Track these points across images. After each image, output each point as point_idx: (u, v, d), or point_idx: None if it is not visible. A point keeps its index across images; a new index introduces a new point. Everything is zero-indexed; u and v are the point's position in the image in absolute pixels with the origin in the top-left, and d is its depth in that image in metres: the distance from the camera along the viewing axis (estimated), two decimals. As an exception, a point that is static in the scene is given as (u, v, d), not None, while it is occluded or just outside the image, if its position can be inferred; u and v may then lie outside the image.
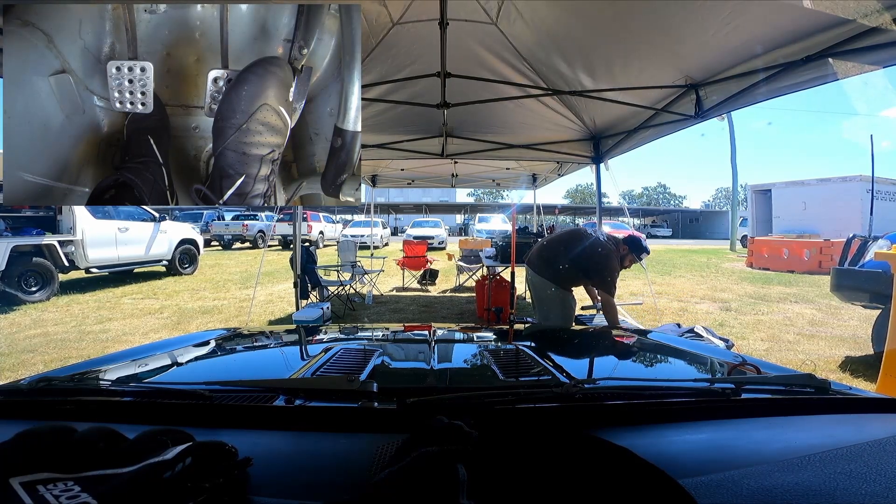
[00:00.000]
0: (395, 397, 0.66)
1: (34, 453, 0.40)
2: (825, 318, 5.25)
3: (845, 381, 2.48)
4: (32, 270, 6.11)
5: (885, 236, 3.72)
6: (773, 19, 1.96)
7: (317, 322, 4.33)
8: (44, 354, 3.78)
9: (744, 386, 0.75)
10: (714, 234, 31.74)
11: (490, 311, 4.41)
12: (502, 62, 2.98)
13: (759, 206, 15.55)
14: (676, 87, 2.86)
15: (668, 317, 5.22)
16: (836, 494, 0.44)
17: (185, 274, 8.92)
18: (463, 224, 30.60)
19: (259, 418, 0.64)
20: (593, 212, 7.14)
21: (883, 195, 12.20)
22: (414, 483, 0.38)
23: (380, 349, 1.10)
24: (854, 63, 1.89)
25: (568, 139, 4.41)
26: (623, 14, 2.23)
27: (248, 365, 1.14)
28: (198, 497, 0.40)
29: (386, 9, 2.43)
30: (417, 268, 7.80)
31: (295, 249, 5.03)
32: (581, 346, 1.38)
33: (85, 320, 5.07)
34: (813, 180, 14.12)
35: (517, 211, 6.05)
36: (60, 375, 0.84)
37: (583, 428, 0.61)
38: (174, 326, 4.85)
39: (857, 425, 0.66)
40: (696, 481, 0.46)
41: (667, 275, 9.38)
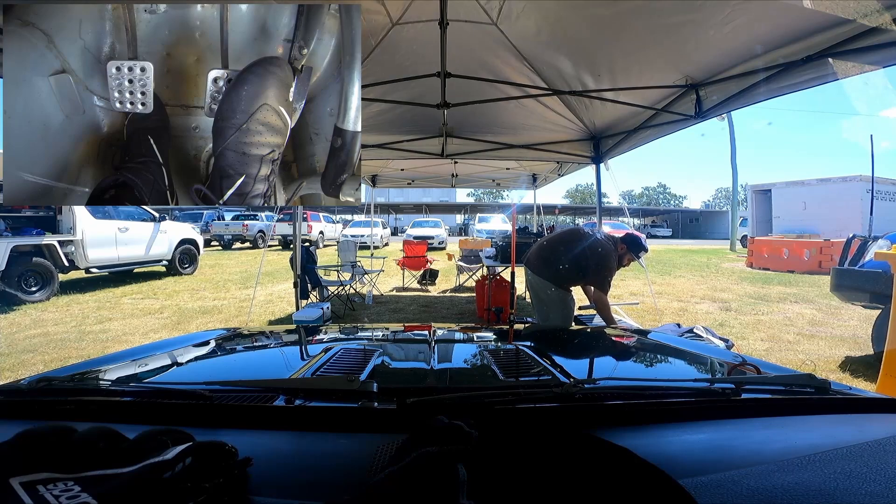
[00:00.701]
0: (395, 397, 0.66)
1: (34, 453, 0.40)
2: (825, 318, 5.25)
3: (845, 381, 2.48)
4: (32, 270, 6.11)
5: (885, 236, 3.72)
6: (773, 19, 1.96)
7: (317, 322, 4.33)
8: (44, 354, 3.78)
9: (744, 386, 0.75)
10: (714, 234, 31.74)
11: (490, 311, 4.41)
12: (502, 62, 2.98)
13: (759, 206, 15.55)
14: (676, 87, 2.87)
15: (668, 317, 5.22)
16: (836, 494, 0.44)
17: (185, 274, 8.92)
18: (463, 224, 30.60)
19: (259, 418, 0.64)
20: (593, 212, 7.15)
21: (883, 195, 12.20)
22: (414, 483, 0.38)
23: (380, 349, 1.10)
24: (854, 63, 1.89)
25: (568, 139, 4.41)
26: (623, 14, 2.23)
27: (248, 365, 1.14)
28: (198, 497, 0.40)
29: (386, 9, 2.43)
30: (417, 268, 7.80)
31: (295, 249, 5.03)
32: (581, 346, 1.38)
33: (85, 320, 5.07)
34: (813, 180, 14.13)
35: (517, 211, 6.05)
36: (60, 375, 0.84)
37: (583, 428, 0.61)
38: (174, 326, 4.85)
39: (857, 425, 0.66)
40: (696, 481, 0.46)
41: (667, 275, 9.38)
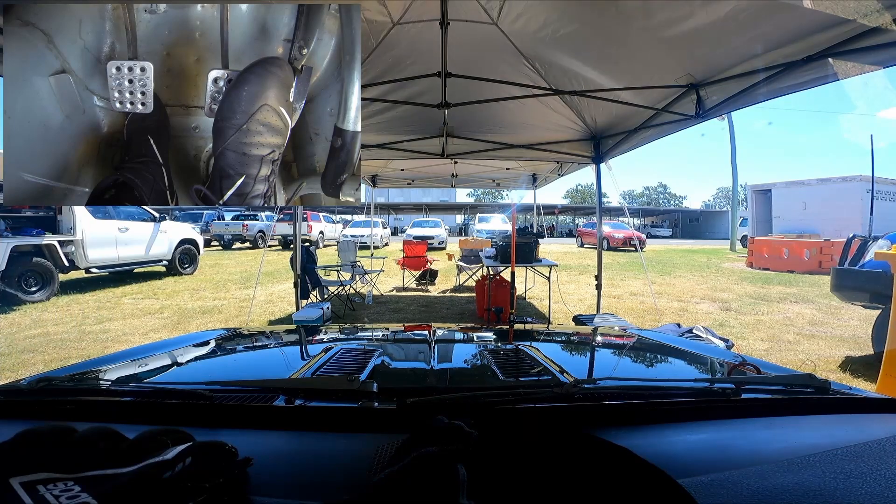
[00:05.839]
0: (395, 397, 0.66)
1: (34, 453, 0.40)
2: (825, 318, 5.25)
3: (845, 382, 2.48)
4: (32, 270, 6.11)
5: (885, 236, 3.72)
6: (774, 19, 1.96)
7: (317, 322, 4.33)
8: (44, 354, 3.78)
9: (744, 386, 0.75)
10: (714, 234, 31.74)
11: (490, 311, 4.41)
12: (503, 62, 2.97)
13: (759, 206, 15.55)
14: (677, 87, 2.86)
15: (668, 317, 5.22)
16: (836, 494, 0.44)
17: (185, 274, 8.92)
18: (463, 224, 30.61)
19: (259, 418, 0.64)
20: (593, 212, 7.16)
21: (883, 195, 12.20)
22: (414, 483, 0.38)
23: (380, 349, 1.10)
24: (854, 63, 1.89)
25: (568, 139, 4.41)
26: (624, 14, 2.23)
27: (249, 365, 1.14)
28: (198, 497, 0.40)
29: (386, 9, 2.43)
30: (417, 268, 7.81)
31: (295, 249, 5.03)
32: (581, 346, 1.38)
33: (85, 320, 5.07)
34: (813, 180, 14.13)
35: (517, 211, 6.05)
36: (60, 375, 0.84)
37: (583, 428, 0.61)
38: (174, 326, 4.85)
39: (857, 425, 0.66)
40: (696, 481, 0.46)
41: (667, 275, 9.38)
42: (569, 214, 40.35)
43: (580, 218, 38.77)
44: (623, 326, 3.51)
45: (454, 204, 35.55)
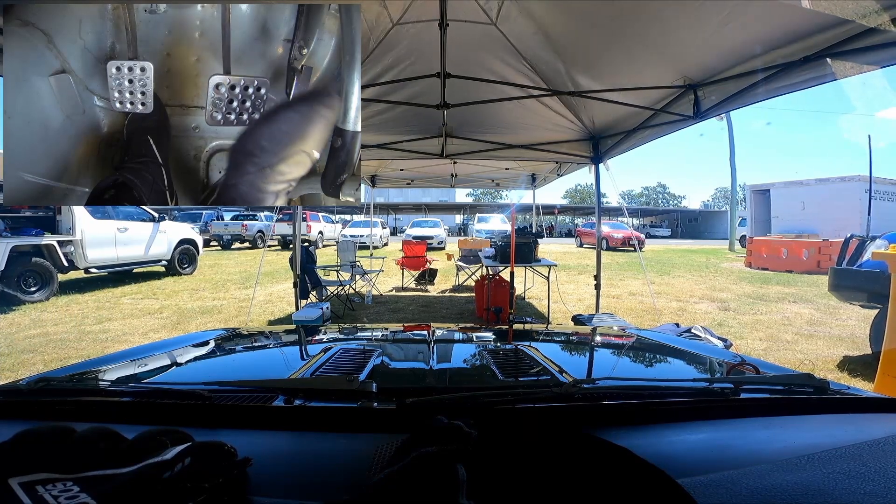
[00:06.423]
0: (395, 397, 0.66)
1: (33, 453, 0.40)
2: (823, 318, 5.25)
3: (844, 381, 2.48)
4: (32, 270, 6.09)
5: (883, 236, 3.73)
6: (772, 19, 1.96)
7: (316, 322, 4.33)
8: (43, 354, 3.77)
9: (743, 386, 0.75)
10: (713, 233, 31.78)
11: (489, 311, 4.42)
12: (502, 62, 2.98)
13: (757, 206, 15.58)
14: (675, 88, 2.87)
15: (667, 317, 5.23)
16: (836, 494, 0.44)
17: (184, 274, 8.90)
18: (462, 224, 30.62)
19: (259, 418, 0.64)
20: (592, 212, 7.15)
21: (881, 195, 12.24)
22: (413, 483, 0.38)
23: (379, 349, 1.10)
24: (852, 63, 1.89)
25: (567, 139, 4.41)
26: (622, 14, 2.23)
27: (248, 365, 1.14)
28: (197, 497, 0.40)
29: (386, 9, 2.43)
30: (417, 268, 7.80)
31: (294, 249, 5.03)
32: (580, 345, 1.38)
33: (84, 320, 5.07)
34: (812, 180, 14.16)
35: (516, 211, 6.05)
36: (60, 375, 0.84)
37: (582, 428, 0.61)
38: (174, 326, 4.84)
39: (855, 425, 0.66)
40: (695, 481, 0.46)
41: (665, 274, 9.39)
42: (568, 214, 40.37)
43: (579, 218, 38.81)
44: (622, 326, 3.51)
45: (453, 204, 35.55)
